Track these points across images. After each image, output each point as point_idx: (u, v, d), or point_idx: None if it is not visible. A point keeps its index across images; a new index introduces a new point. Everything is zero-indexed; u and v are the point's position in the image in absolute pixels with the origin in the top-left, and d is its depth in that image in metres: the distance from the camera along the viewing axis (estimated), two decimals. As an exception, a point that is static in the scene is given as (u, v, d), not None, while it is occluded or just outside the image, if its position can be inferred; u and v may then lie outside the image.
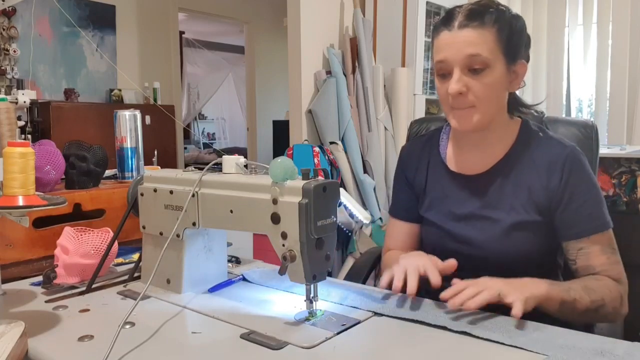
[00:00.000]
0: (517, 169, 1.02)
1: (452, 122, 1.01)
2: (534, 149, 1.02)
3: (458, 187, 1.07)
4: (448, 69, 0.97)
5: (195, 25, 7.18)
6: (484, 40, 0.94)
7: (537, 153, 1.02)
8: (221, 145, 8.89)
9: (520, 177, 1.02)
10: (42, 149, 1.20)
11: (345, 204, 2.47)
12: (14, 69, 4.15)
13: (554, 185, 0.99)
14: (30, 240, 1.13)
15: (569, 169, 0.99)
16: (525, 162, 1.02)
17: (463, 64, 0.95)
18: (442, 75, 0.99)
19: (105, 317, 0.88)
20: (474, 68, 0.95)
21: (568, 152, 1.00)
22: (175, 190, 0.94)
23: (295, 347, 0.75)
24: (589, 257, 0.96)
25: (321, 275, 0.82)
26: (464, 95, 0.96)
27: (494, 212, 1.02)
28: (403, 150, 1.21)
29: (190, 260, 0.97)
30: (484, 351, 0.73)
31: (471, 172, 1.06)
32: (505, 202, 1.02)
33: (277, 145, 5.34)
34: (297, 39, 2.93)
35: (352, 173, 2.88)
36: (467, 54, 0.94)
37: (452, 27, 0.96)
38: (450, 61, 0.96)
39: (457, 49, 0.95)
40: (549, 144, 1.03)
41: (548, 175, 0.99)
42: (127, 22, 4.94)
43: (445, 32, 0.97)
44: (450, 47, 0.96)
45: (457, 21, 0.96)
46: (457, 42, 0.95)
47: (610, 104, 3.09)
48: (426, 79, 3.20)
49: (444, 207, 1.08)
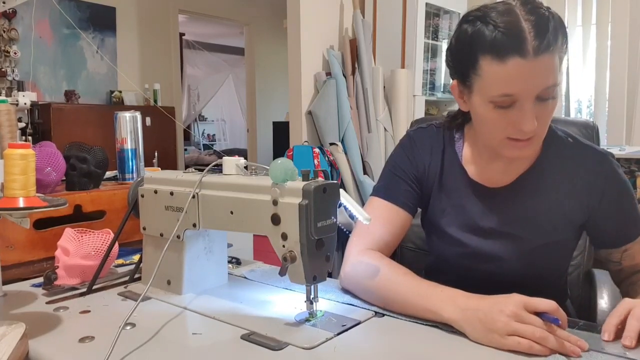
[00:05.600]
0: (547, 182, 0.94)
1: (504, 150, 0.89)
2: (565, 158, 0.94)
3: (477, 198, 0.97)
4: (514, 100, 0.82)
5: (196, 27, 7.19)
6: (555, 66, 0.80)
7: (570, 163, 0.94)
8: (221, 146, 8.90)
9: (551, 191, 0.94)
10: (42, 151, 1.20)
11: (345, 205, 2.47)
12: (14, 70, 4.16)
13: (594, 198, 0.93)
14: (30, 241, 1.13)
15: (609, 179, 0.93)
16: (556, 173, 0.94)
17: (537, 95, 0.81)
18: (501, 106, 0.84)
19: (106, 319, 0.88)
20: (545, 98, 0.82)
21: (603, 159, 0.94)
22: (176, 191, 0.94)
23: (296, 348, 0.75)
24: (635, 256, 0.96)
25: (321, 276, 0.82)
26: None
27: (517, 229, 0.94)
28: (410, 138, 1.05)
29: (190, 261, 0.97)
30: (484, 351, 0.74)
31: (493, 184, 0.97)
32: (533, 220, 0.94)
33: (277, 147, 5.35)
34: (297, 40, 2.94)
35: (352, 174, 2.88)
36: (547, 86, 0.81)
37: (526, 54, 0.78)
38: (524, 95, 0.81)
39: (535, 81, 0.80)
40: (583, 153, 0.95)
41: (588, 188, 0.93)
42: (128, 23, 4.95)
43: (517, 60, 0.79)
44: (525, 80, 0.80)
45: (529, 44, 0.78)
46: (534, 73, 0.79)
47: (609, 105, 3.09)
48: (425, 80, 3.20)
49: (461, 218, 0.98)
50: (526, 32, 0.79)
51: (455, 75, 0.92)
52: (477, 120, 0.92)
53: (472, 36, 0.84)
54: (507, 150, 0.89)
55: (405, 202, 1.01)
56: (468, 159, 1.00)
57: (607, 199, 0.94)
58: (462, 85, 0.90)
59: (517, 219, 0.95)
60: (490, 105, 0.85)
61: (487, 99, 0.85)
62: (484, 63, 0.82)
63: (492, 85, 0.83)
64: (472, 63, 0.85)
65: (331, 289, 0.98)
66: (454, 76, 0.92)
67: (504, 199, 0.96)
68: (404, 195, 1.01)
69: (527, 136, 0.85)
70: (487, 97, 0.84)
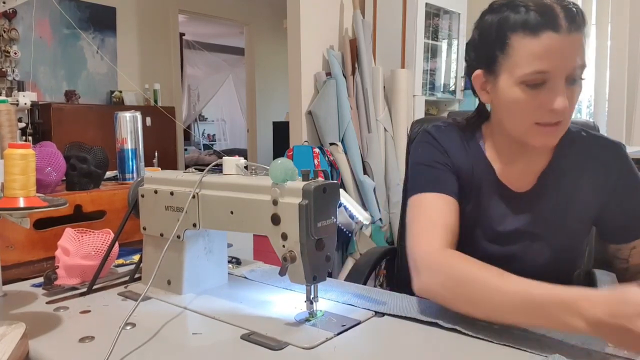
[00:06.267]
0: (567, 177, 0.94)
1: (531, 138, 0.87)
2: (580, 153, 0.95)
3: (501, 200, 0.95)
4: (546, 78, 0.81)
5: (196, 27, 7.19)
6: (583, 46, 0.82)
7: (585, 157, 0.94)
8: (221, 146, 8.91)
9: (571, 188, 0.93)
10: (42, 151, 1.20)
11: (345, 205, 2.47)
12: (14, 71, 4.16)
13: (609, 189, 0.93)
14: (31, 241, 1.13)
15: (624, 170, 0.93)
16: (574, 169, 0.94)
17: (568, 75, 0.81)
18: (533, 85, 0.82)
19: (106, 318, 0.88)
20: (573, 79, 0.82)
21: (620, 152, 0.94)
22: (176, 191, 0.94)
23: (296, 348, 0.75)
24: None
25: (321, 276, 0.82)
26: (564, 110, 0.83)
27: (542, 229, 0.94)
28: (432, 133, 0.99)
29: (190, 261, 0.97)
30: (485, 351, 0.74)
31: (516, 187, 0.95)
32: (557, 219, 0.93)
33: (277, 147, 5.35)
34: (297, 40, 2.94)
35: (352, 174, 2.88)
36: (579, 65, 0.81)
37: (560, 29, 0.79)
38: (557, 71, 0.80)
39: (569, 57, 0.80)
40: (597, 146, 0.95)
41: (604, 180, 0.93)
42: (128, 24, 4.95)
43: (550, 34, 0.79)
44: (559, 55, 0.80)
45: (563, 22, 0.79)
46: (567, 49, 0.80)
47: (609, 105, 3.10)
48: (425, 80, 3.20)
49: (483, 219, 0.96)
50: (558, 10, 0.80)
51: (479, 64, 0.90)
52: (502, 108, 0.89)
53: (500, 21, 0.84)
54: (535, 137, 0.86)
55: (453, 191, 0.93)
56: (492, 158, 0.97)
57: (619, 192, 0.93)
58: (487, 72, 0.89)
59: (541, 220, 0.94)
60: (519, 88, 0.83)
61: (518, 79, 0.83)
62: (515, 40, 0.82)
63: (524, 62, 0.81)
64: (500, 44, 0.84)
65: (331, 289, 0.98)
66: (478, 66, 0.91)
67: (527, 203, 0.94)
68: (451, 184, 0.94)
69: (557, 119, 0.83)
70: (517, 77, 0.83)
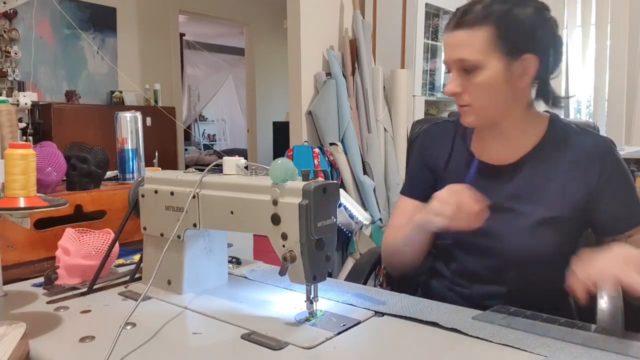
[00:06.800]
0: (550, 161, 0.99)
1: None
2: (569, 141, 0.99)
3: (482, 176, 1.03)
4: (449, 68, 0.98)
5: (196, 27, 7.19)
6: (472, 42, 0.93)
7: (573, 145, 0.99)
8: (221, 146, 8.90)
9: (553, 169, 0.98)
10: (43, 151, 1.20)
11: (345, 205, 2.48)
12: (15, 71, 4.16)
13: (592, 179, 0.96)
14: (31, 241, 1.13)
15: (609, 162, 0.96)
16: (559, 154, 0.99)
17: (457, 66, 0.96)
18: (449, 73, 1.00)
19: (106, 318, 0.89)
20: (465, 69, 0.95)
21: (604, 143, 0.98)
22: (176, 191, 0.95)
23: (296, 348, 0.75)
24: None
25: (321, 276, 0.82)
26: (459, 95, 0.97)
27: (520, 205, 0.98)
28: (425, 132, 1.17)
29: (190, 261, 0.97)
30: (485, 351, 0.74)
31: (498, 162, 1.03)
32: (535, 195, 0.98)
33: (277, 147, 5.35)
34: (297, 40, 2.94)
35: (352, 174, 2.88)
36: (457, 57, 0.95)
37: (447, 29, 0.97)
38: (449, 62, 0.97)
39: (451, 51, 0.96)
40: (584, 135, 1.00)
41: (586, 168, 0.96)
42: (128, 24, 4.95)
43: (446, 32, 0.98)
44: (447, 49, 0.98)
45: (452, 21, 0.96)
46: (450, 44, 0.96)
47: (608, 105, 3.09)
48: (425, 81, 3.20)
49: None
50: (457, 12, 0.96)
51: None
52: None
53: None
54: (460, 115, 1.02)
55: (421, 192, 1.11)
56: (475, 143, 1.07)
57: (605, 181, 0.95)
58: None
59: (520, 194, 0.99)
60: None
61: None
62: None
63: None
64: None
65: (331, 289, 0.99)
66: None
67: (507, 176, 1.01)
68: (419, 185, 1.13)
69: (458, 102, 0.98)
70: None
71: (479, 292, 1.03)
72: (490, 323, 0.82)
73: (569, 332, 0.78)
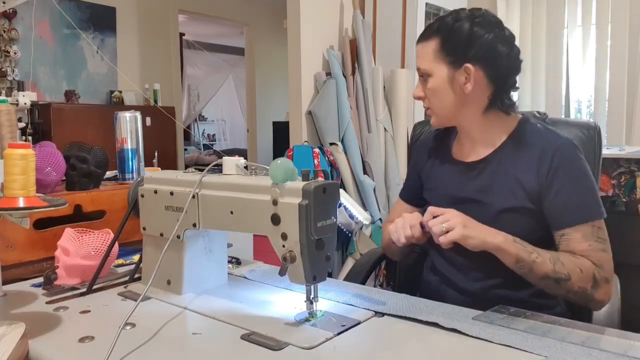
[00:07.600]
0: (510, 157, 1.08)
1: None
2: (531, 141, 1.07)
3: (458, 173, 1.15)
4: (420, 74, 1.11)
5: (196, 27, 7.18)
6: (425, 53, 1.08)
7: (531, 142, 1.07)
8: (221, 146, 8.90)
9: (512, 164, 1.07)
10: (42, 151, 1.20)
11: (345, 205, 2.47)
12: (14, 70, 4.15)
13: (542, 174, 1.03)
14: (31, 241, 1.13)
15: (558, 159, 1.02)
16: (519, 151, 1.07)
17: (419, 74, 1.10)
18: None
19: (105, 318, 0.89)
20: (421, 76, 1.09)
21: (560, 142, 1.04)
22: (176, 191, 0.94)
23: (296, 348, 0.75)
24: (570, 242, 1.00)
25: (321, 276, 0.82)
26: (423, 99, 1.11)
27: (485, 197, 1.08)
28: (420, 142, 1.32)
29: (190, 261, 0.97)
30: (485, 351, 0.74)
31: (469, 159, 1.14)
32: (496, 188, 1.07)
33: (277, 147, 5.34)
34: (297, 40, 2.94)
35: (352, 174, 2.88)
36: (417, 66, 1.10)
37: (417, 40, 1.11)
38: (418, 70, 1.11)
39: (418, 60, 1.10)
40: (544, 135, 1.07)
41: (538, 163, 1.03)
42: (128, 23, 4.95)
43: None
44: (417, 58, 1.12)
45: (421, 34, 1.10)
46: (416, 55, 1.11)
47: (609, 105, 3.09)
48: (426, 80, 3.20)
49: (443, 191, 1.16)
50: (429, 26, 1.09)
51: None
52: None
53: None
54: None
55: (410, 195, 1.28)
56: (456, 146, 1.20)
57: (552, 177, 1.02)
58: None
59: (485, 187, 1.09)
60: None
61: None
62: None
63: None
64: None
65: (331, 289, 0.99)
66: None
67: (475, 172, 1.12)
68: (409, 188, 1.29)
69: (424, 105, 1.12)
70: None
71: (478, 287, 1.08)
72: (491, 323, 0.82)
73: (569, 332, 0.78)
